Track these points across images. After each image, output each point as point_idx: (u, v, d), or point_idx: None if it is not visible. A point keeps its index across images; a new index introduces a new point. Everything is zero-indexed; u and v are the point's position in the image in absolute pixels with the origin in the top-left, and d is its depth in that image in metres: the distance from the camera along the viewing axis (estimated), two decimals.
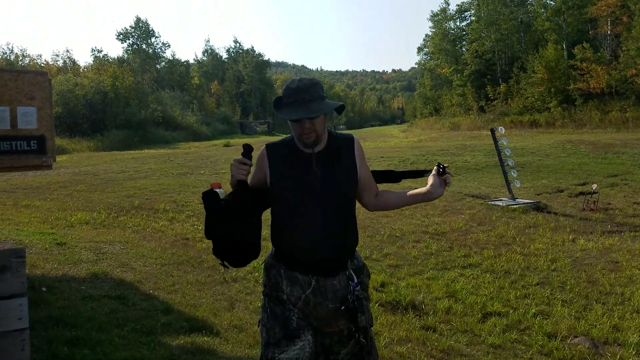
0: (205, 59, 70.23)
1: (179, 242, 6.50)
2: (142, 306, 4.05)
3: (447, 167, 1.96)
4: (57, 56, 50.24)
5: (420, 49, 54.81)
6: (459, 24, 48.51)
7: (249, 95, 65.66)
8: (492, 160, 13.45)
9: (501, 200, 9.22)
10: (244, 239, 1.97)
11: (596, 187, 9.03)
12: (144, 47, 54.09)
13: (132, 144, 31.06)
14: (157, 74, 53.32)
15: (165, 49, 66.84)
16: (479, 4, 41.89)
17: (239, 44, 73.37)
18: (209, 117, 48.09)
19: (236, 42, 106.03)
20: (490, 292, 4.76)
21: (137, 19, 54.35)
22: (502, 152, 9.51)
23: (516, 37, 39.19)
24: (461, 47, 47.28)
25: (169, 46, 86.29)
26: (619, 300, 4.58)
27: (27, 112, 2.94)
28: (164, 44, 61.72)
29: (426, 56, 53.59)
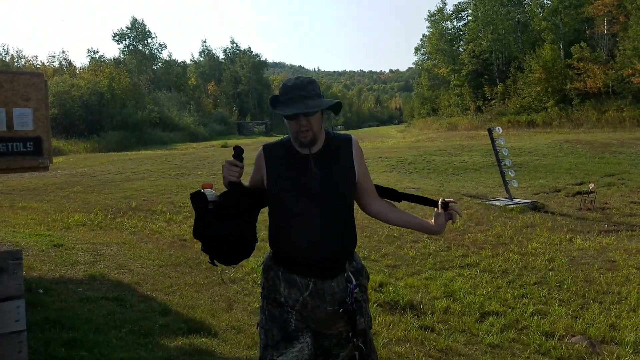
0: (202, 59, 70.25)
1: (176, 244, 6.48)
2: (140, 308, 4.04)
3: (453, 202, 2.01)
4: (53, 57, 50.13)
5: (417, 49, 54.95)
6: (456, 24, 48.67)
7: (246, 95, 65.65)
8: (490, 160, 13.48)
9: (499, 200, 9.24)
10: (234, 239, 1.96)
11: (593, 186, 9.07)
12: (140, 47, 54.02)
13: (128, 145, 30.99)
14: (154, 74, 53.24)
15: (161, 50, 66.86)
16: (475, 4, 41.99)
17: (236, 44, 73.83)
18: (206, 117, 48.05)
19: (233, 42, 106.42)
20: (488, 292, 4.77)
21: (133, 20, 54.35)
22: (499, 152, 9.53)
23: (513, 36, 39.29)
24: (458, 47, 47.38)
25: (166, 47, 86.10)
26: (616, 299, 4.60)
27: (23, 113, 2.93)
28: (160, 44, 61.90)
29: (423, 56, 53.71)
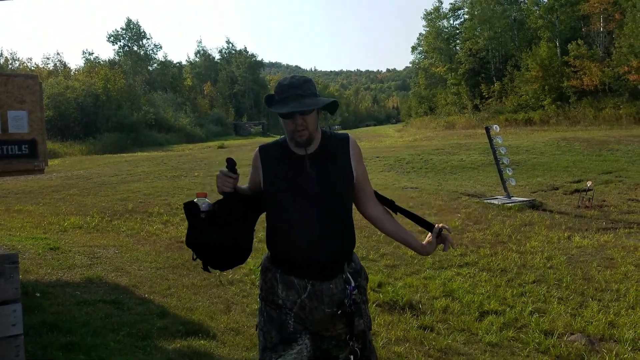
0: (197, 60, 70.08)
1: (173, 246, 6.46)
2: (138, 310, 4.02)
3: (448, 230, 2.00)
4: (47, 59, 49.89)
5: (414, 48, 54.96)
6: (452, 22, 48.72)
7: (243, 96, 65.56)
8: (487, 158, 13.49)
9: (497, 198, 9.25)
10: (227, 246, 1.98)
11: (591, 184, 9.08)
12: (135, 48, 53.87)
13: (124, 146, 30.88)
14: (149, 75, 53.10)
15: (157, 51, 66.80)
16: (472, 3, 42.05)
17: (232, 44, 73.66)
18: (202, 118, 47.93)
19: (229, 42, 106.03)
20: (487, 291, 4.77)
21: (128, 21, 54.18)
22: (497, 151, 9.53)
23: (510, 35, 39.37)
24: (455, 46, 47.43)
25: (161, 48, 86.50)
26: (615, 296, 4.60)
27: (17, 116, 2.91)
28: (155, 45, 61.64)
29: (420, 55, 53.71)
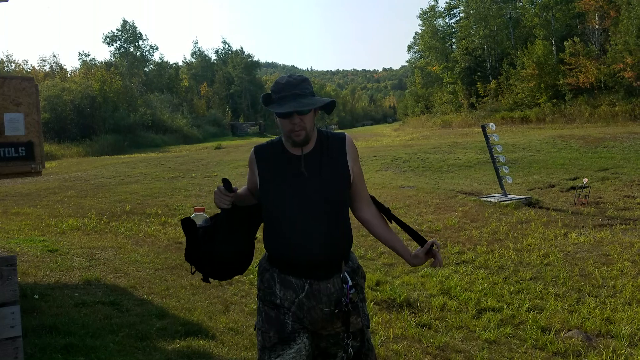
0: (194, 61, 69.98)
1: (172, 246, 6.47)
2: (137, 311, 4.02)
3: (437, 246, 2.00)
4: (43, 61, 49.49)
5: (410, 47, 54.92)
6: (448, 21, 48.68)
7: (239, 96, 65.49)
8: (484, 156, 13.53)
9: (493, 196, 9.28)
10: (226, 259, 2.01)
11: (587, 181, 9.12)
12: (131, 50, 53.71)
13: (122, 148, 30.84)
14: (146, 77, 52.93)
15: (153, 52, 66.59)
16: (467, 1, 42.04)
17: (228, 45, 73.57)
18: (199, 119, 47.84)
19: (225, 43, 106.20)
20: (484, 288, 4.79)
21: (124, 22, 53.95)
22: (493, 149, 9.56)
23: (505, 33, 39.39)
24: (451, 45, 47.45)
25: (157, 49, 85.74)
26: (611, 292, 4.63)
27: (14, 118, 2.91)
28: (151, 46, 61.56)
29: (416, 54, 53.67)
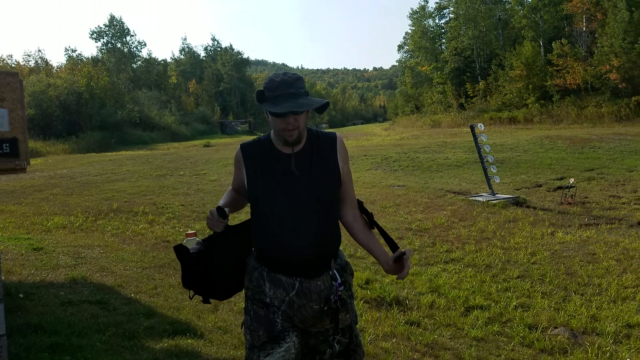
0: (182, 57, 69.43)
1: (159, 245, 6.41)
2: (124, 310, 3.98)
3: (406, 256, 1.88)
4: (28, 56, 48.86)
5: (400, 47, 55.13)
6: (438, 21, 48.95)
7: (229, 94, 65.15)
8: (472, 156, 13.62)
9: (481, 195, 9.35)
10: (225, 279, 2.01)
11: (573, 181, 9.23)
12: (119, 45, 53.18)
13: (108, 145, 30.51)
14: (133, 73, 52.44)
15: (141, 48, 65.95)
16: (457, 2, 42.28)
17: (217, 41, 72.98)
18: (187, 117, 47.53)
19: (214, 39, 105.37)
20: (472, 286, 4.82)
21: (112, 17, 53.42)
22: (481, 149, 9.63)
23: (494, 34, 39.71)
24: (440, 45, 47.70)
25: (145, 45, 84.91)
26: (597, 291, 4.69)
27: None
28: (139, 42, 60.84)
29: (406, 54, 53.89)
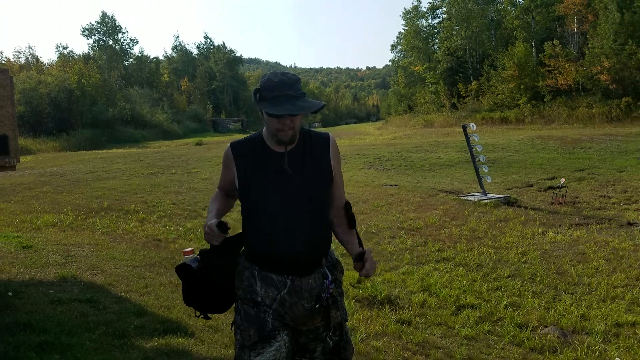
0: (174, 55, 68.96)
1: (150, 244, 6.38)
2: (114, 309, 3.95)
3: (366, 256, 1.86)
4: (19, 53, 48.21)
5: (393, 47, 55.24)
6: (431, 21, 49.09)
7: (221, 92, 64.85)
8: (464, 156, 13.68)
9: (473, 195, 9.39)
10: (226, 292, 2.00)
11: (564, 181, 9.31)
12: (110, 43, 52.75)
13: (100, 143, 30.30)
14: (125, 70, 52.06)
15: (133, 45, 65.41)
16: (450, 2, 42.43)
17: (210, 39, 72.79)
18: (179, 114, 47.30)
19: (207, 37, 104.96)
20: (463, 285, 4.85)
21: (103, 14, 52.95)
22: (473, 149, 9.68)
23: (487, 34, 39.91)
24: (433, 45, 47.85)
25: (137, 42, 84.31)
26: (587, 290, 4.73)
27: None
28: (131, 39, 60.47)
29: (399, 54, 54.02)
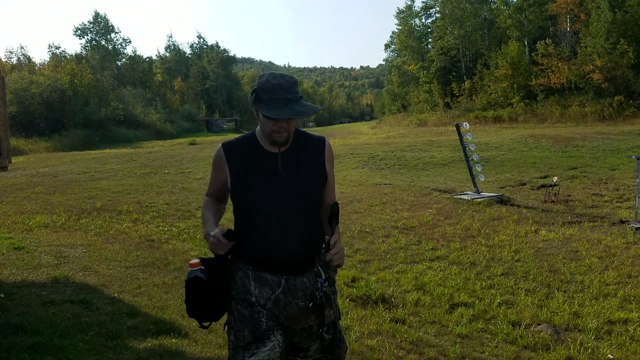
0: (168, 55, 68.64)
1: (143, 244, 6.35)
2: (107, 310, 3.94)
3: (330, 250, 1.84)
4: (11, 53, 47.81)
5: (387, 46, 55.28)
6: (424, 21, 49.19)
7: (215, 92, 64.65)
8: (458, 155, 13.72)
9: (466, 194, 9.43)
10: (223, 301, 1.96)
11: (557, 179, 9.36)
12: (103, 43, 52.43)
13: (92, 143, 30.10)
14: (118, 70, 51.75)
15: (125, 45, 65.07)
16: (443, 1, 42.53)
17: (203, 39, 72.18)
18: (172, 114, 47.05)
19: (200, 37, 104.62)
20: (457, 284, 4.86)
21: (96, 14, 52.62)
22: (467, 147, 9.71)
23: (480, 34, 40.04)
24: (427, 44, 47.95)
25: (130, 42, 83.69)
26: (579, 288, 4.76)
27: None
28: (124, 39, 60.16)
29: (393, 53, 54.05)
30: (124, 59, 54.88)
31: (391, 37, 54.42)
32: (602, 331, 3.82)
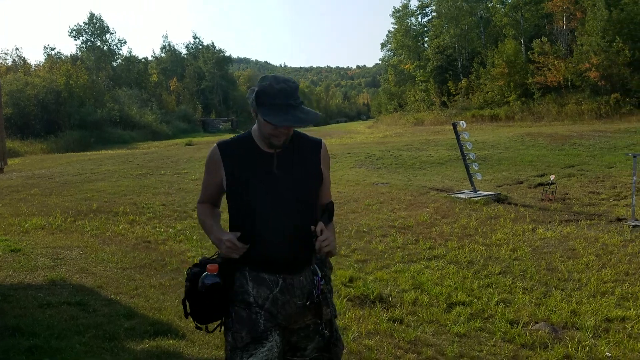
0: (163, 55, 68.42)
1: (140, 245, 6.33)
2: (104, 312, 3.93)
3: (320, 239, 1.82)
4: (5, 54, 47.73)
5: (383, 45, 55.37)
6: (420, 20, 49.26)
7: (211, 92, 64.50)
8: (455, 154, 13.74)
9: (464, 192, 9.44)
10: (225, 304, 1.94)
11: (554, 177, 9.39)
12: (98, 43, 52.27)
13: (88, 144, 30.00)
14: (113, 71, 51.57)
15: (121, 46, 64.88)
16: (439, 0, 42.58)
17: (199, 39, 72.10)
18: (168, 115, 46.88)
19: (195, 37, 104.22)
20: (454, 283, 4.86)
21: (91, 15, 52.42)
22: (463, 146, 9.72)
23: (476, 32, 40.13)
24: (423, 43, 48.02)
25: (125, 42, 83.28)
26: (577, 286, 4.77)
27: None
28: (119, 40, 59.93)
29: (389, 52, 54.14)
30: (120, 60, 54.71)
31: (387, 36, 54.54)
32: (599, 329, 3.83)
